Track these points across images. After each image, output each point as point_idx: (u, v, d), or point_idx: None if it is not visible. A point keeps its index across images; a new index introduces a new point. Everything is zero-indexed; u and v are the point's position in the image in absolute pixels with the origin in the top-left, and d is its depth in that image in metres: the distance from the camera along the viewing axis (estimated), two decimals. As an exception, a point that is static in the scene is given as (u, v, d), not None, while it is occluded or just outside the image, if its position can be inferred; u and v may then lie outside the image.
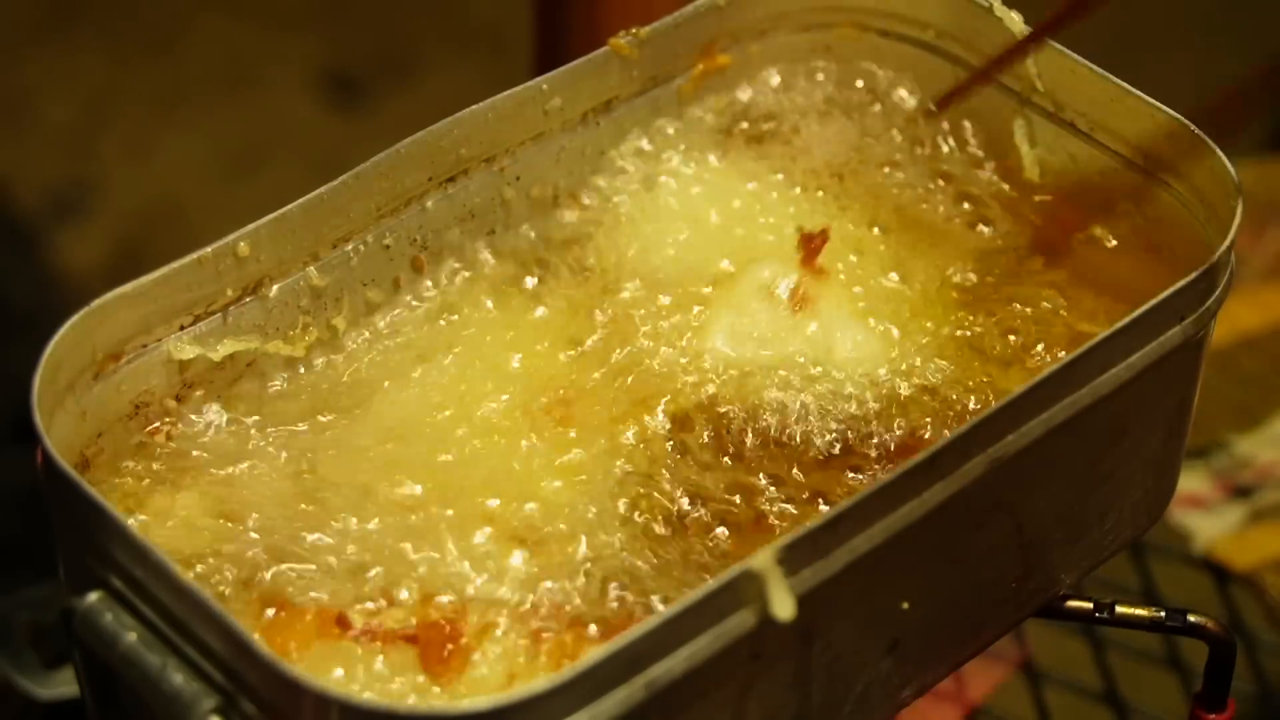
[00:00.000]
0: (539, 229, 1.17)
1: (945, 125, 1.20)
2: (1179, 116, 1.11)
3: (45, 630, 1.29)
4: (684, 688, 0.92)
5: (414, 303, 1.13)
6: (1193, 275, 1.05)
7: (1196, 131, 1.10)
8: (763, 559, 0.92)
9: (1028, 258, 1.15)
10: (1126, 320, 1.03)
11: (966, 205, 1.18)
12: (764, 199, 1.19)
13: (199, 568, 1.01)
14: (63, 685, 1.26)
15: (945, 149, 1.20)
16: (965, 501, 1.00)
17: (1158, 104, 1.13)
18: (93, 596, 0.96)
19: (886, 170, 1.20)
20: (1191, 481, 1.66)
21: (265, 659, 0.89)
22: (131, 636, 0.94)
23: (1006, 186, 1.18)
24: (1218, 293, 1.07)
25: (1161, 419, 1.11)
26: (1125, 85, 1.13)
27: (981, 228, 1.17)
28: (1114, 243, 1.15)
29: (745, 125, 1.22)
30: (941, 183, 1.19)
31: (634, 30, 1.17)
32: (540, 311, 1.13)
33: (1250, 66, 1.09)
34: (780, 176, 1.20)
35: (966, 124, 1.20)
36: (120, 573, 0.95)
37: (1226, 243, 1.06)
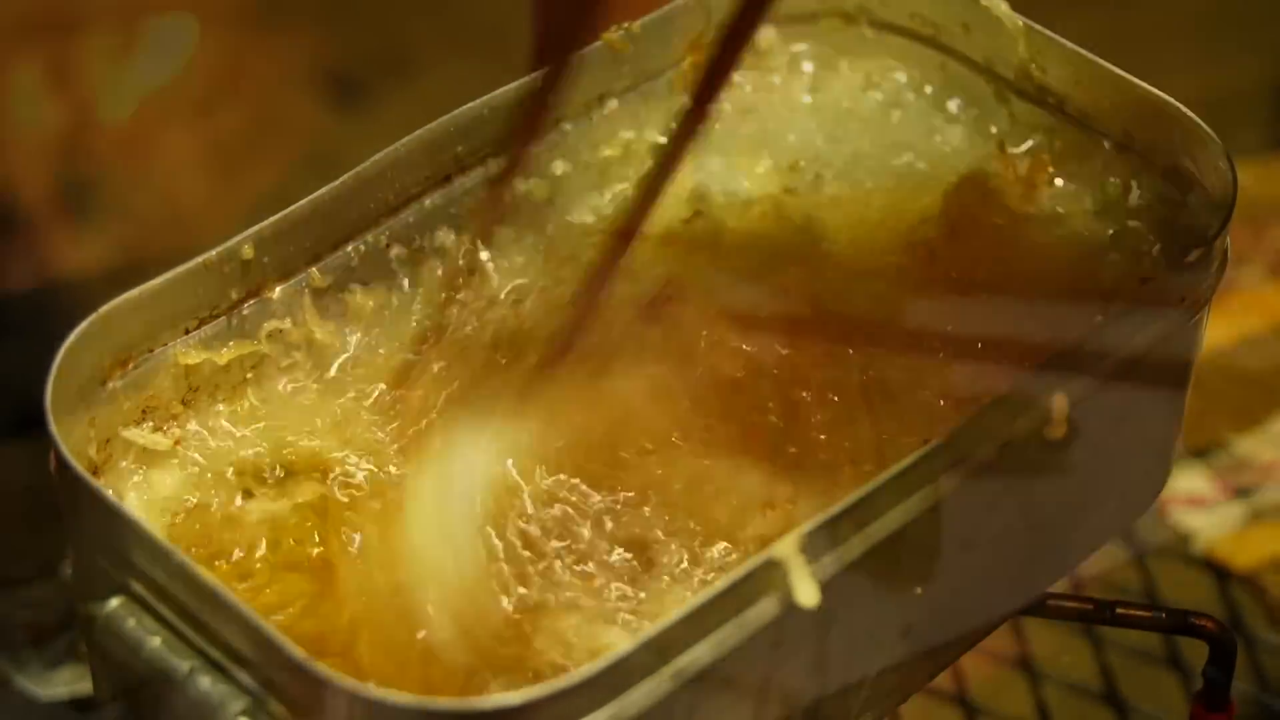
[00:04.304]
0: (538, 227, 1.17)
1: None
2: (1172, 100, 1.12)
3: (45, 630, 1.29)
4: (710, 677, 0.93)
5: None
6: (1191, 256, 1.06)
7: (1190, 115, 1.11)
8: (785, 547, 0.93)
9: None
10: (1126, 302, 1.04)
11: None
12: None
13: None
14: (63, 685, 1.26)
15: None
16: (977, 486, 1.00)
17: (1149, 87, 1.13)
18: (114, 602, 0.96)
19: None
20: (1191, 481, 1.67)
21: (295, 659, 0.89)
22: (155, 641, 0.94)
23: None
24: (1214, 272, 1.08)
25: (1160, 400, 1.12)
26: (1115, 68, 1.14)
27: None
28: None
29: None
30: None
31: (626, 25, 1.17)
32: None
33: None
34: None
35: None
36: (141, 577, 0.95)
37: (1222, 224, 1.06)
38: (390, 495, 1.03)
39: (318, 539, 1.01)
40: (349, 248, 1.11)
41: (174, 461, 1.05)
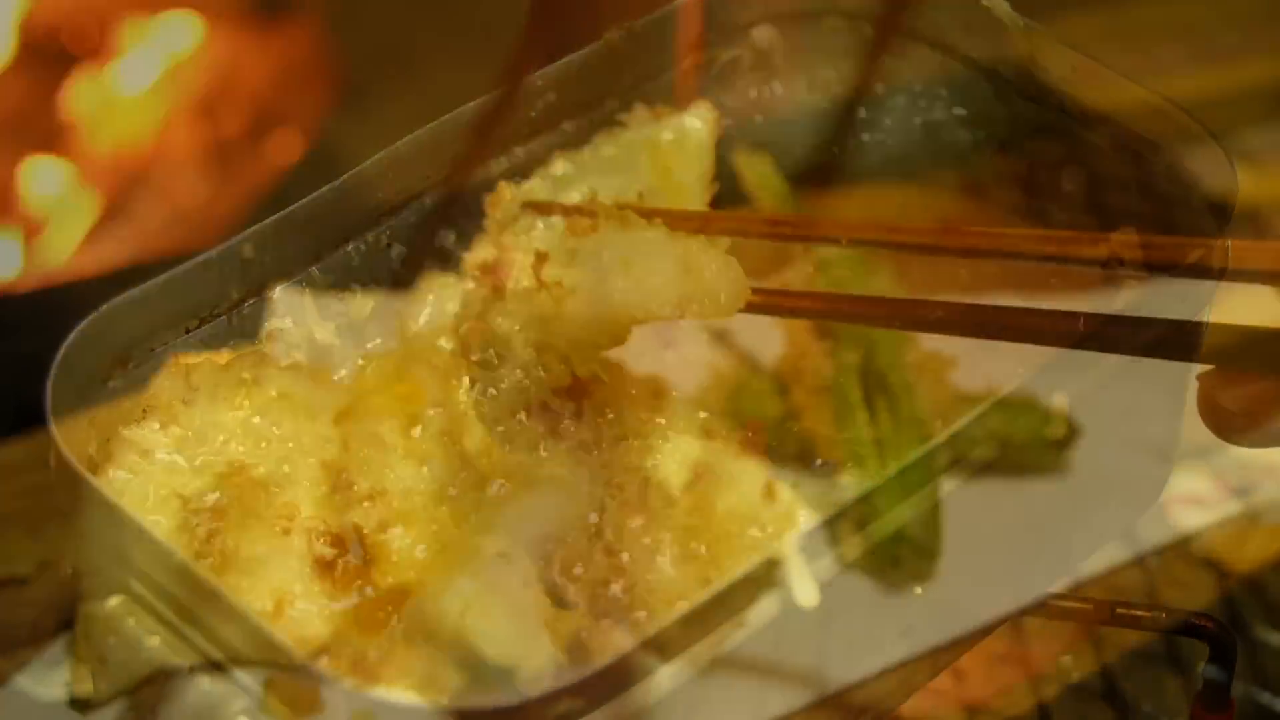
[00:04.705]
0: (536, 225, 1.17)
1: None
2: (1172, 100, 1.12)
3: (45, 630, 1.29)
4: (709, 677, 0.93)
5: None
6: (1192, 255, 1.06)
7: (1190, 115, 1.11)
8: (785, 547, 0.94)
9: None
10: (1126, 303, 1.04)
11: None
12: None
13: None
14: (62, 685, 1.26)
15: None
16: (977, 486, 1.01)
17: (1149, 87, 1.13)
18: (114, 601, 0.96)
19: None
20: (1192, 481, 1.66)
21: (295, 659, 0.89)
22: (155, 641, 0.94)
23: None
24: (1215, 273, 1.08)
25: (1161, 400, 1.12)
26: (1114, 68, 1.14)
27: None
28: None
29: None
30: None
31: (627, 24, 1.17)
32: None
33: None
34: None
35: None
36: (141, 577, 0.95)
37: (1222, 224, 1.07)
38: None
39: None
40: (349, 248, 1.11)
41: (174, 460, 1.05)
